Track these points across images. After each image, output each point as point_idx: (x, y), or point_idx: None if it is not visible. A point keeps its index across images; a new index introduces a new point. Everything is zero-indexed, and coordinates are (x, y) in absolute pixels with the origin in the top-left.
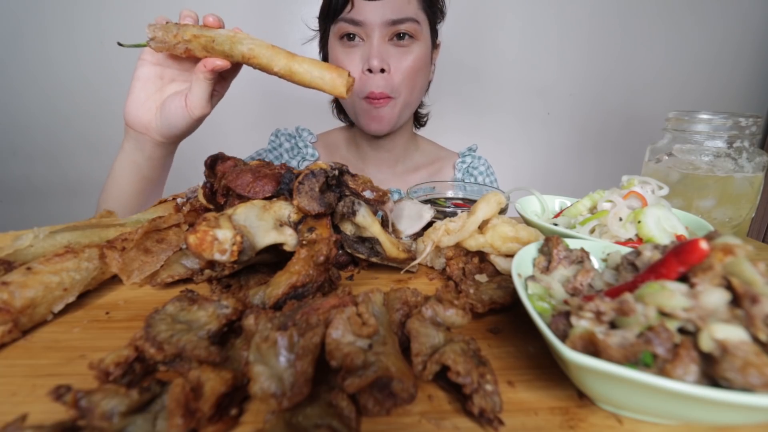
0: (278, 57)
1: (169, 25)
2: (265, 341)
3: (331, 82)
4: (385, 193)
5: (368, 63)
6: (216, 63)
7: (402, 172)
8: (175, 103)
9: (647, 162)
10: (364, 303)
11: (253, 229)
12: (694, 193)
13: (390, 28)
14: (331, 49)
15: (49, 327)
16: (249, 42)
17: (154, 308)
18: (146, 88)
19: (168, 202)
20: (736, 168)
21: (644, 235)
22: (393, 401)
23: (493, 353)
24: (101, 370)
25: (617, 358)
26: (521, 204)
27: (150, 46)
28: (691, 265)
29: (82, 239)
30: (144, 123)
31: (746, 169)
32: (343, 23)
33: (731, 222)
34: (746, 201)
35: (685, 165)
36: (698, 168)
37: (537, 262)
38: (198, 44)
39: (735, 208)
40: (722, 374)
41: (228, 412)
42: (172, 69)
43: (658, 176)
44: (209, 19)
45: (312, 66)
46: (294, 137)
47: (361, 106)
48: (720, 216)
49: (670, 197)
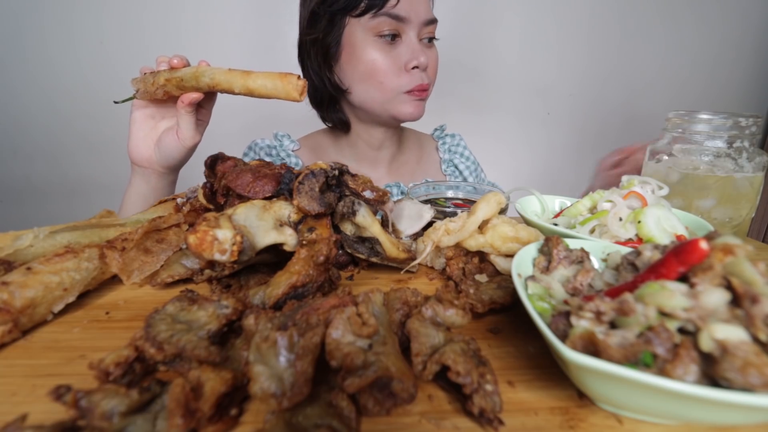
0: (235, 79)
1: (146, 76)
2: (265, 341)
3: (284, 89)
4: (385, 193)
5: (415, 60)
6: (191, 97)
7: (396, 168)
8: (168, 138)
9: (647, 162)
10: (364, 303)
11: (253, 229)
12: (695, 193)
13: (424, 28)
14: (358, 47)
15: (49, 327)
16: (209, 72)
17: (154, 308)
18: (142, 129)
19: (168, 202)
20: (736, 168)
21: (644, 235)
22: (393, 401)
23: (493, 353)
24: (101, 370)
25: (617, 358)
26: (521, 204)
27: (137, 97)
28: (691, 265)
29: (82, 239)
30: (146, 158)
31: (746, 168)
32: (386, 18)
33: (731, 222)
34: (746, 201)
35: (685, 165)
36: (698, 168)
37: (537, 262)
38: (172, 86)
39: (735, 208)
40: (722, 374)
41: (228, 412)
42: (161, 109)
43: (658, 176)
44: (174, 61)
45: (265, 79)
46: (273, 147)
47: (400, 99)
48: (720, 216)
49: (669, 197)
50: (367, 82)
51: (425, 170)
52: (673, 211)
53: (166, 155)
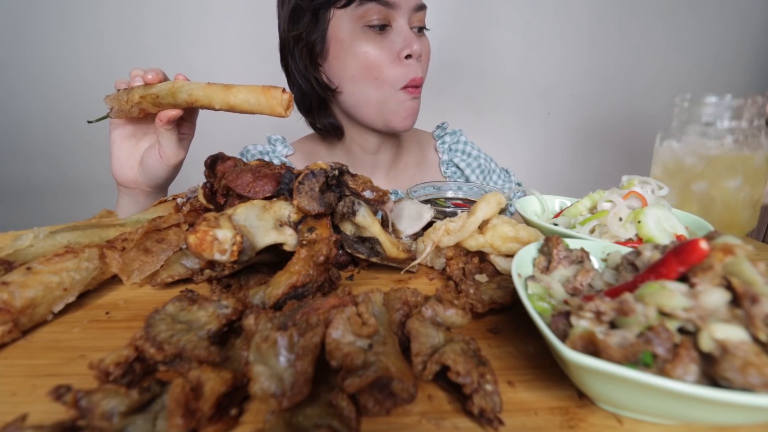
0: (215, 94)
1: (120, 93)
2: (265, 341)
3: (267, 105)
4: (385, 193)
5: (408, 48)
6: (169, 114)
7: (396, 173)
8: (151, 158)
9: (659, 148)
10: (364, 303)
11: (253, 229)
12: (722, 174)
13: (415, 14)
14: (346, 40)
15: (49, 327)
16: (187, 88)
17: (154, 308)
18: (124, 148)
19: (168, 202)
20: (758, 145)
21: (644, 235)
22: (393, 401)
23: (493, 353)
24: (101, 370)
25: (617, 358)
26: (521, 204)
27: (111, 116)
28: (691, 265)
29: (82, 239)
30: (131, 179)
31: (765, 146)
32: (374, 5)
33: (753, 200)
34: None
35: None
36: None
37: (537, 262)
38: (147, 103)
39: (755, 187)
40: (722, 374)
41: (228, 412)
42: (140, 126)
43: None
44: (148, 76)
45: (248, 93)
46: (266, 153)
47: (397, 98)
48: (745, 195)
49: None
50: (361, 79)
51: (425, 173)
52: (673, 211)
53: (151, 175)
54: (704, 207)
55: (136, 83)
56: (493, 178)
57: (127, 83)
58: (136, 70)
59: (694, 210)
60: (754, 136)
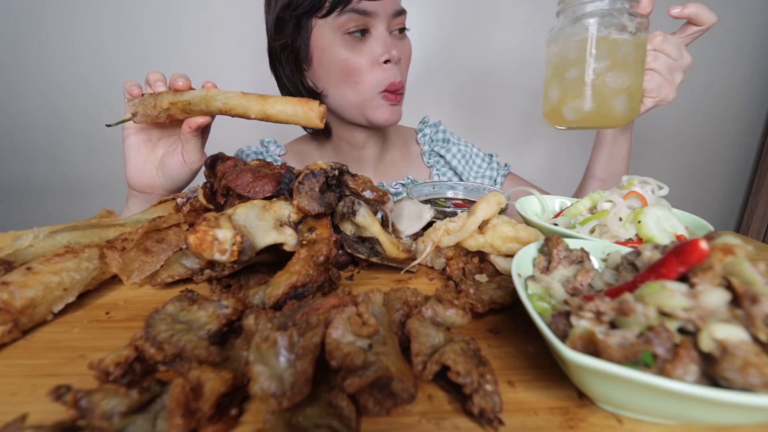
0: (251, 104)
1: (146, 98)
2: (265, 341)
3: (305, 116)
4: (385, 193)
5: (387, 54)
6: (199, 121)
7: (383, 167)
8: (173, 161)
9: (547, 48)
10: (364, 303)
11: (253, 229)
12: (589, 60)
13: (393, 20)
14: (327, 48)
15: (49, 327)
16: (222, 97)
17: (154, 308)
18: (140, 153)
19: (168, 202)
20: (621, 27)
21: (644, 235)
22: (393, 401)
23: (493, 353)
24: (101, 370)
25: (617, 358)
26: (521, 204)
27: (135, 121)
28: (691, 265)
29: (82, 239)
30: (148, 184)
31: (630, 28)
32: (352, 14)
33: (623, 88)
34: (635, 67)
35: (573, 33)
36: (585, 32)
37: (537, 262)
38: (177, 109)
39: (621, 73)
40: (722, 374)
41: (228, 412)
42: (157, 131)
43: (556, 59)
44: (179, 83)
45: (285, 105)
46: (260, 153)
47: (374, 102)
48: (616, 83)
49: (567, 69)
50: (342, 84)
51: (410, 165)
52: (673, 211)
53: (172, 179)
54: (577, 94)
55: (158, 88)
56: (477, 162)
57: (139, 86)
58: (155, 74)
59: (571, 100)
60: (615, 18)
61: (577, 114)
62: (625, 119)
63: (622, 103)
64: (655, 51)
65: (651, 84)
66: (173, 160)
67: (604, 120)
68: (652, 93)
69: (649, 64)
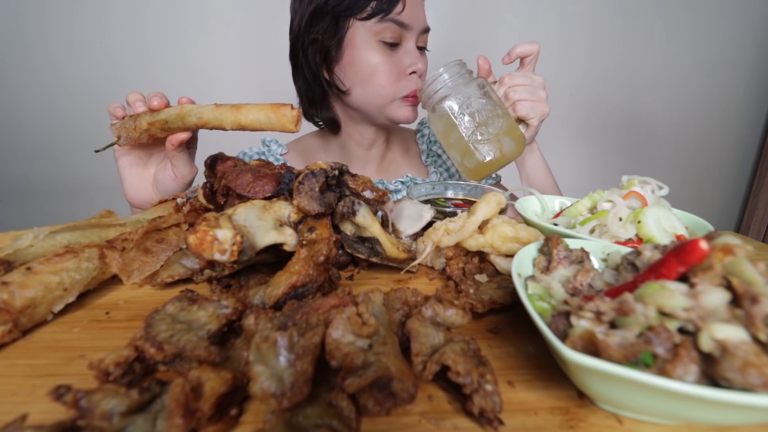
0: (225, 116)
1: (126, 121)
2: (265, 341)
3: (278, 122)
4: (385, 193)
5: (413, 66)
6: (180, 137)
7: (386, 166)
8: (165, 177)
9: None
10: (364, 303)
11: (253, 229)
12: (462, 130)
13: (421, 36)
14: (361, 50)
15: (49, 327)
16: (196, 112)
17: (154, 308)
18: (134, 172)
19: (168, 202)
20: (467, 95)
21: (644, 235)
22: (393, 401)
23: (493, 353)
24: (101, 370)
25: (617, 358)
26: (521, 204)
27: (119, 144)
28: (691, 265)
29: (82, 239)
30: (147, 200)
31: (475, 91)
32: (392, 24)
33: (503, 130)
34: (496, 109)
35: (439, 118)
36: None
37: (537, 262)
38: (156, 128)
39: (495, 120)
40: (722, 374)
41: (228, 412)
42: (145, 150)
43: (443, 137)
44: (153, 103)
45: (258, 113)
46: (262, 153)
47: (395, 104)
48: (489, 132)
49: (448, 135)
50: (366, 84)
51: (410, 164)
52: (673, 211)
53: (168, 193)
54: (470, 155)
55: (137, 108)
56: None
57: (122, 107)
58: (134, 94)
59: (472, 162)
60: (461, 89)
61: (483, 167)
62: (519, 149)
63: (507, 142)
64: (510, 88)
65: (524, 110)
66: (164, 176)
67: (505, 159)
68: (529, 116)
69: (513, 98)
